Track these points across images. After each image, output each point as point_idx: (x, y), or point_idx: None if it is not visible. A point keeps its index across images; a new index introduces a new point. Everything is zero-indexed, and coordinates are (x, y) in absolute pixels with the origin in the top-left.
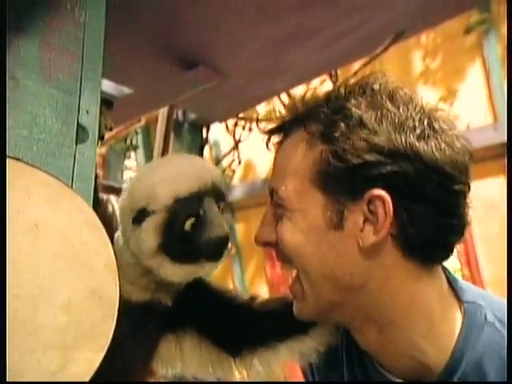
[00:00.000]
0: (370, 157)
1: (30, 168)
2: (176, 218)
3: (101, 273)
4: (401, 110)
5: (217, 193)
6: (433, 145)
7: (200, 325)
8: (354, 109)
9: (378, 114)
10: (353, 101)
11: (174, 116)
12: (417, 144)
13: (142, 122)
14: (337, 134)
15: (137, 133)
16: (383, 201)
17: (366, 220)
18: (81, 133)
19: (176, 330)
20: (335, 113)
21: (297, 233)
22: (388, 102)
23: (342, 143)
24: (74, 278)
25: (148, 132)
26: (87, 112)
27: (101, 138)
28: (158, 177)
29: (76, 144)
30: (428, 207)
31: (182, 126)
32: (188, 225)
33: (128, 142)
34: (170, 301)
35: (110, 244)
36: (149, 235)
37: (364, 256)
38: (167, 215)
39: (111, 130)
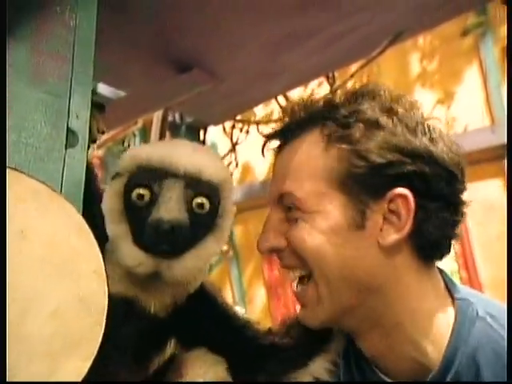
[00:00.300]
0: (392, 156)
1: (17, 174)
2: (129, 185)
3: (89, 279)
4: (411, 115)
5: (194, 183)
6: (439, 147)
7: (214, 349)
8: (369, 112)
9: (394, 118)
10: (366, 105)
11: (171, 118)
12: (429, 146)
13: (139, 124)
14: (357, 135)
15: (134, 135)
16: (406, 199)
17: (384, 219)
18: (71, 137)
19: (182, 345)
20: (351, 115)
21: (317, 235)
22: (399, 107)
23: (364, 144)
24: (62, 284)
25: (145, 134)
26: (77, 116)
27: (93, 141)
28: (143, 147)
29: (66, 148)
30: (440, 205)
31: (179, 129)
32: (135, 194)
33: (126, 144)
34: (154, 307)
35: (98, 249)
36: (110, 196)
37: (384, 255)
38: (126, 180)
39: (103, 133)
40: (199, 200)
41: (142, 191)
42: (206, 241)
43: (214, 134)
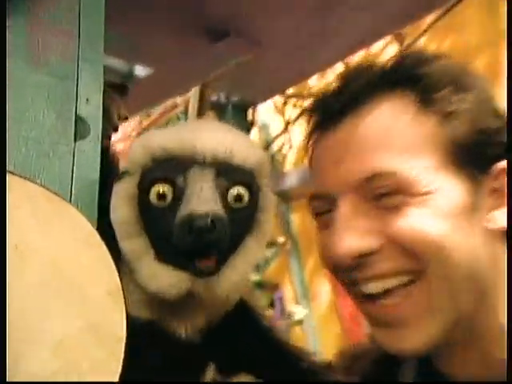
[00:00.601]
0: (495, 121)
1: (16, 179)
2: (143, 183)
3: (102, 302)
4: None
5: (227, 170)
6: None
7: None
8: (452, 74)
9: (477, 82)
10: (446, 66)
11: (216, 98)
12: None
13: (182, 107)
14: (454, 98)
15: (178, 118)
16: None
17: (490, 198)
18: (80, 126)
19: (221, 371)
20: (440, 77)
21: (439, 220)
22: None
23: (464, 106)
24: (67, 311)
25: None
26: (87, 101)
27: (114, 129)
28: (156, 133)
29: (75, 140)
30: None
31: (225, 109)
32: (153, 194)
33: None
34: (186, 331)
35: (113, 266)
36: (119, 204)
37: (495, 242)
38: (139, 178)
39: (126, 119)
40: (236, 191)
41: (162, 188)
42: (246, 244)
43: (265, 112)
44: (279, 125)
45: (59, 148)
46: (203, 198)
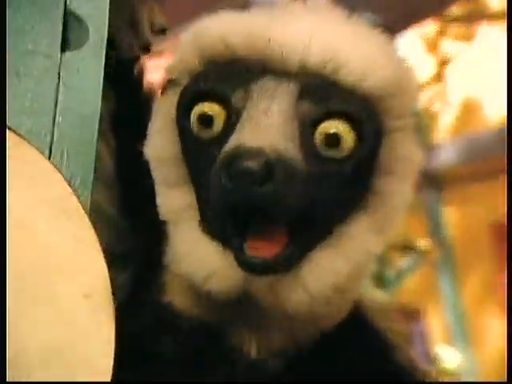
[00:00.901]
0: None
1: None
2: (183, 98)
3: (75, 310)
4: None
5: (322, 90)
6: None
7: None
8: None
9: None
10: None
11: None
12: None
13: None
14: None
15: None
16: None
17: None
18: (75, 29)
19: None
20: None
21: None
22: None
23: None
24: (18, 322)
25: None
26: None
27: (145, 48)
28: (216, 18)
29: (63, 49)
30: None
31: None
32: (194, 116)
33: None
34: (257, 349)
35: (99, 253)
36: (155, 128)
37: None
38: (182, 90)
39: (164, 33)
40: (332, 127)
41: (208, 108)
42: (350, 225)
43: (408, 48)
44: (429, 68)
45: (36, 60)
46: (264, 125)
